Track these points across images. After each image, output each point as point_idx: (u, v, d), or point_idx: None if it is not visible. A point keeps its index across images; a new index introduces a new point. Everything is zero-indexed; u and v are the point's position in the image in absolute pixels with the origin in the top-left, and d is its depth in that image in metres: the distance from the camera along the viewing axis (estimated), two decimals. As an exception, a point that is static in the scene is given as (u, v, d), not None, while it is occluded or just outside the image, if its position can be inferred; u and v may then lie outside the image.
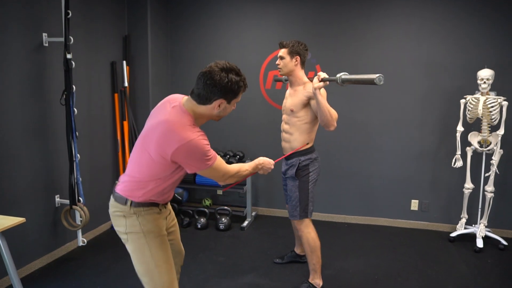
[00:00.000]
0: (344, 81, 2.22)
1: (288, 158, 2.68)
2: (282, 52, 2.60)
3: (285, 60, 2.59)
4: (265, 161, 2.01)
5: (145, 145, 1.66)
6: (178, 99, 1.72)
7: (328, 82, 2.36)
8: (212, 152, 1.64)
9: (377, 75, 1.97)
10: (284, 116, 2.73)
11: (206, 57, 4.27)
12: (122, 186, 1.76)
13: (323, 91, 2.46)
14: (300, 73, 2.63)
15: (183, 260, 2.10)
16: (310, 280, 2.70)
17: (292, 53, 2.57)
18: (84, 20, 3.42)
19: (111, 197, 1.81)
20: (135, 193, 1.71)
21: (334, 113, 2.43)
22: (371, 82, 2.00)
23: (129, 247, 1.77)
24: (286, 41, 2.61)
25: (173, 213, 2.01)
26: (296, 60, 2.59)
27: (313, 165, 2.66)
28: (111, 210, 1.81)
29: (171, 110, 1.65)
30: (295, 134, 2.63)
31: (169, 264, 1.76)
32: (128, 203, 1.71)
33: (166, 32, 4.32)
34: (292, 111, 2.61)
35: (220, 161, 1.70)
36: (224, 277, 2.93)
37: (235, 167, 1.81)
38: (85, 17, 3.44)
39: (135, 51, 4.04)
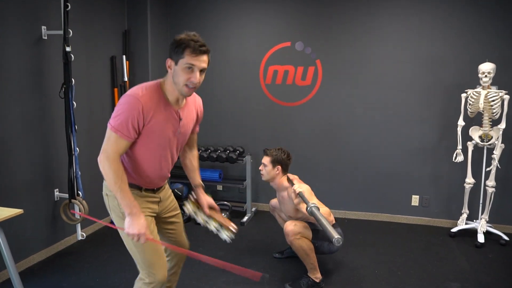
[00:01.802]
0: (312, 214, 2.19)
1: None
2: (265, 160, 2.71)
3: (268, 168, 2.71)
4: (136, 226, 1.60)
5: None
6: None
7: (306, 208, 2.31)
8: (120, 119, 1.53)
9: (337, 237, 1.92)
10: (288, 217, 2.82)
11: (206, 52, 4.25)
12: None
13: (306, 188, 2.50)
14: (282, 179, 2.73)
15: (184, 258, 2.11)
16: (310, 275, 2.69)
17: (274, 163, 2.69)
18: (83, 14, 3.41)
19: None
20: None
21: (326, 212, 2.48)
22: (329, 237, 1.95)
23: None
24: (270, 150, 2.72)
25: (174, 203, 2.00)
26: (278, 169, 2.69)
27: (333, 246, 2.63)
28: (104, 192, 1.82)
29: None
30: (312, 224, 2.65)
31: (150, 245, 1.72)
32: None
33: (166, 27, 4.30)
34: (290, 217, 2.74)
35: (115, 136, 1.55)
36: (223, 271, 2.90)
37: (115, 167, 1.58)
38: (85, 11, 3.43)
39: (135, 46, 4.03)
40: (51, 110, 3.11)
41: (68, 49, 2.92)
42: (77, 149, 3.10)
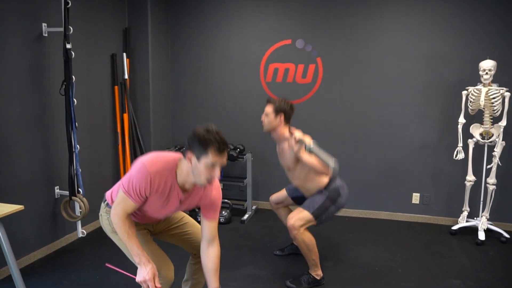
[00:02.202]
0: (311, 150, 2.34)
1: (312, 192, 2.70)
2: (268, 108, 2.63)
3: (270, 117, 2.62)
4: (146, 274, 1.71)
5: None
6: None
7: (304, 146, 2.40)
8: (132, 186, 1.63)
9: (333, 165, 2.25)
10: (286, 170, 2.77)
11: (207, 50, 4.26)
12: (110, 189, 1.93)
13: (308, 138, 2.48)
14: (283, 130, 2.65)
15: None
16: (311, 272, 2.69)
17: (277, 111, 2.60)
18: (84, 11, 3.41)
19: None
20: (111, 195, 1.88)
21: (325, 159, 2.45)
22: (327, 163, 2.26)
23: None
24: (273, 99, 2.65)
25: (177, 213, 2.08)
26: (280, 118, 2.61)
27: (343, 190, 2.65)
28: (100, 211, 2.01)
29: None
30: (307, 184, 2.66)
31: (148, 251, 1.82)
32: (105, 203, 1.92)
33: (166, 25, 4.30)
34: (289, 169, 2.69)
35: (124, 198, 1.67)
36: (223, 268, 2.88)
37: (122, 224, 1.69)
38: (85, 9, 3.43)
39: (135, 44, 4.02)
40: (52, 107, 3.11)
41: (68, 46, 2.92)
42: (78, 146, 3.09)
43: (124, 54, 3.88)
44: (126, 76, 3.88)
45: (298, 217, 2.55)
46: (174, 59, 4.39)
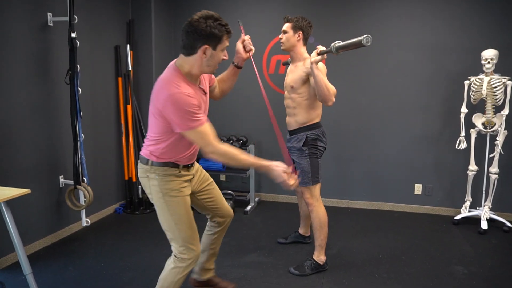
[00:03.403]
0: (338, 49, 2.20)
1: (293, 133, 2.68)
2: (286, 26, 2.60)
3: (288, 34, 2.59)
4: (280, 168, 1.76)
5: (150, 107, 1.74)
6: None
7: (326, 56, 2.35)
8: (200, 116, 1.65)
9: (364, 36, 1.95)
10: (285, 93, 2.74)
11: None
12: (144, 148, 1.86)
13: (322, 67, 2.46)
14: (302, 49, 2.63)
15: (230, 220, 2.22)
16: (314, 257, 2.70)
17: (295, 28, 2.57)
18: (88, 3, 3.44)
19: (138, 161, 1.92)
20: (153, 153, 1.81)
21: (331, 88, 2.42)
22: (359, 44, 1.99)
23: (155, 206, 1.88)
24: (291, 16, 2.61)
25: (204, 174, 2.09)
26: (299, 36, 2.58)
27: (321, 142, 2.65)
28: (139, 173, 1.91)
29: (165, 70, 1.74)
30: (297, 110, 2.63)
31: (188, 222, 1.86)
32: (149, 163, 1.82)
33: (170, 17, 4.32)
34: (292, 87, 2.61)
35: (207, 129, 1.67)
36: (227, 256, 2.93)
37: (227, 147, 1.72)
38: (90, 0, 3.45)
39: (139, 36, 4.05)
40: (57, 96, 3.13)
41: (73, 35, 2.94)
42: (82, 135, 3.12)
43: (128, 45, 3.90)
44: (130, 68, 3.90)
45: (307, 195, 2.63)
46: (177, 51, 4.41)
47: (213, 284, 2.37)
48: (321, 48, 2.35)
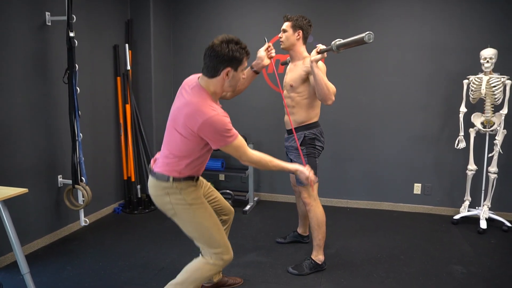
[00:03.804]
0: (339, 46, 2.20)
1: (291, 132, 2.68)
2: (286, 25, 2.60)
3: (288, 33, 2.58)
4: (304, 168, 2.01)
5: (175, 126, 1.80)
6: (194, 79, 1.86)
7: (326, 54, 2.35)
8: (234, 131, 1.76)
9: (366, 33, 1.96)
10: (284, 92, 2.73)
11: (208, 41, 4.25)
12: (161, 165, 1.88)
13: (322, 66, 2.46)
14: (301, 48, 2.63)
15: (232, 217, 2.37)
16: (313, 257, 2.69)
17: (295, 27, 2.57)
18: (87, 2, 3.43)
19: (150, 177, 1.93)
20: (174, 170, 1.84)
21: (331, 87, 2.41)
22: (361, 41, 1.99)
23: (178, 220, 1.92)
24: (291, 15, 2.61)
25: (204, 180, 2.18)
26: (299, 35, 2.58)
27: (319, 142, 2.65)
28: (153, 192, 1.92)
29: (191, 91, 1.79)
30: (296, 109, 2.62)
31: (216, 224, 1.94)
32: (171, 180, 1.84)
33: (168, 16, 4.32)
34: (291, 86, 2.60)
35: (241, 142, 1.79)
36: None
37: (259, 155, 1.87)
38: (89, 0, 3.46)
39: (138, 35, 4.04)
40: (55, 95, 3.13)
41: (71, 34, 2.94)
42: (81, 134, 3.11)
43: (127, 45, 3.89)
44: (129, 67, 3.90)
45: (305, 195, 2.62)
46: (176, 51, 4.40)
47: (223, 284, 2.43)
48: (321, 46, 2.34)
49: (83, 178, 3.13)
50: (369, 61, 3.89)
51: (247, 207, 3.96)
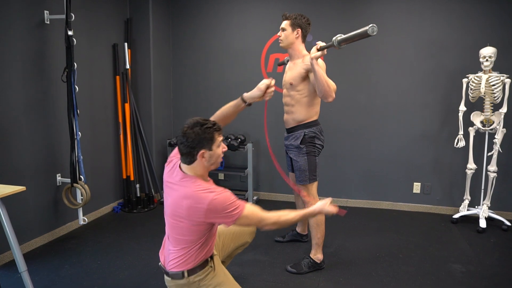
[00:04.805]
0: (341, 42, 2.17)
1: (291, 130, 2.67)
2: (285, 23, 2.59)
3: (287, 32, 2.58)
4: (326, 204, 1.91)
5: (178, 219, 1.71)
6: (176, 168, 1.77)
7: (326, 51, 2.33)
8: (238, 201, 1.68)
9: (370, 25, 1.91)
10: (284, 91, 2.73)
11: (208, 40, 4.27)
12: (172, 263, 1.78)
13: (322, 63, 2.45)
14: (300, 47, 2.62)
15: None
16: (311, 256, 2.69)
17: (294, 25, 2.56)
18: (86, 1, 3.43)
19: (166, 277, 1.84)
20: (187, 262, 1.75)
21: (332, 84, 2.41)
22: (365, 34, 1.95)
23: None
24: (290, 14, 2.61)
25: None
26: (298, 33, 2.58)
27: (319, 140, 2.65)
28: None
29: (183, 183, 1.71)
30: (296, 107, 2.62)
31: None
32: (186, 274, 1.76)
33: (168, 16, 4.32)
34: (291, 84, 2.60)
35: (250, 209, 1.71)
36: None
37: (275, 215, 1.78)
38: (87, -2, 3.45)
39: (137, 34, 4.04)
40: (54, 94, 3.12)
41: (70, 32, 2.93)
42: (79, 133, 3.11)
43: (126, 44, 3.89)
44: (128, 66, 3.90)
45: (304, 193, 2.63)
46: (175, 50, 4.40)
47: None
48: (321, 43, 2.34)
49: (81, 176, 3.13)
50: (367, 59, 3.89)
51: (246, 206, 3.95)
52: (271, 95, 2.14)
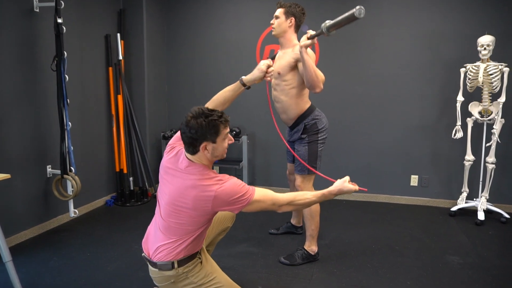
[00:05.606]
0: (329, 28, 2.09)
1: (292, 127, 2.63)
2: (278, 11, 2.53)
3: (280, 20, 2.52)
4: (345, 183, 1.82)
5: (179, 207, 1.64)
6: (181, 154, 1.71)
7: (316, 40, 2.27)
8: (246, 187, 1.63)
9: (356, 7, 1.81)
10: (273, 82, 2.66)
11: (203, 32, 4.22)
12: (162, 254, 1.70)
13: (311, 53, 2.39)
14: (292, 36, 2.56)
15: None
16: (306, 247, 2.63)
17: (287, 14, 2.51)
18: (76, -11, 3.38)
19: (152, 268, 1.76)
20: (176, 252, 1.69)
21: (320, 74, 2.36)
22: (352, 17, 1.85)
23: None
24: (284, 2, 2.55)
25: None
26: (291, 22, 2.52)
27: (321, 123, 2.59)
28: (157, 281, 1.78)
29: (188, 170, 1.64)
30: (285, 101, 2.56)
31: (228, 280, 1.82)
32: (175, 265, 1.69)
33: (162, 6, 4.26)
34: (279, 74, 2.53)
35: (262, 193, 1.66)
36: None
37: (289, 194, 1.73)
38: (78, -14, 3.39)
39: (130, 26, 3.98)
40: (43, 82, 3.06)
41: (59, 20, 2.88)
42: (70, 123, 3.05)
43: (119, 35, 3.83)
44: (121, 58, 3.84)
45: (298, 182, 2.57)
46: (170, 41, 4.34)
47: None
48: (311, 32, 2.27)
49: (72, 168, 3.07)
50: (363, 50, 3.82)
51: (241, 200, 3.90)
52: (271, 75, 2.09)
